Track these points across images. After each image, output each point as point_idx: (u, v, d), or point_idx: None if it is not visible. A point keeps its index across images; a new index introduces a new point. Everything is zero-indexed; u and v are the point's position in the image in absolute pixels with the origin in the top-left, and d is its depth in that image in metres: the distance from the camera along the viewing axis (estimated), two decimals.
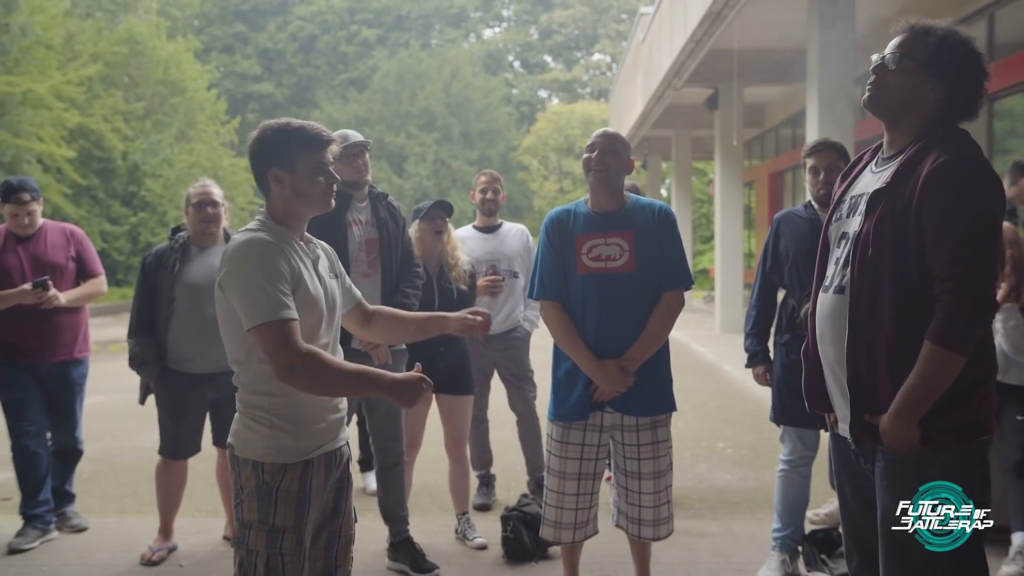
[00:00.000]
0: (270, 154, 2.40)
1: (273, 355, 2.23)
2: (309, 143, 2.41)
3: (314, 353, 2.25)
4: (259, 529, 2.33)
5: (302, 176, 2.40)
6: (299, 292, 2.33)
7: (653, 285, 3.39)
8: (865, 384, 2.33)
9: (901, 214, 2.26)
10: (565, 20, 48.43)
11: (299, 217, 2.47)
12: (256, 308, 2.24)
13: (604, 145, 3.41)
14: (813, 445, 4.00)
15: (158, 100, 28.44)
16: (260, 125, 2.46)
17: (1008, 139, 8.75)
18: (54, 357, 4.63)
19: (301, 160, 2.40)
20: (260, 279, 2.26)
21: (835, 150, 3.90)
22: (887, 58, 2.37)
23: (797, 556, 4.00)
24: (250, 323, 2.26)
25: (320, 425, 2.42)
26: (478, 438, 5.19)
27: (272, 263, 2.29)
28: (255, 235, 2.35)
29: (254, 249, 2.30)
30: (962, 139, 2.30)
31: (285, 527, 2.34)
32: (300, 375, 2.23)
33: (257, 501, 2.34)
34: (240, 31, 44.13)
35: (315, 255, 2.50)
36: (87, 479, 5.82)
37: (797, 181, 15.74)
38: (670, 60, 13.17)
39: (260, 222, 2.44)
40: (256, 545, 2.33)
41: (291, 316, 2.25)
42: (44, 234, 4.69)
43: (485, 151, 39.53)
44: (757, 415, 7.78)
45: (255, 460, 2.35)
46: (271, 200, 2.45)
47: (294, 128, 2.41)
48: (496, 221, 5.25)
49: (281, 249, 2.34)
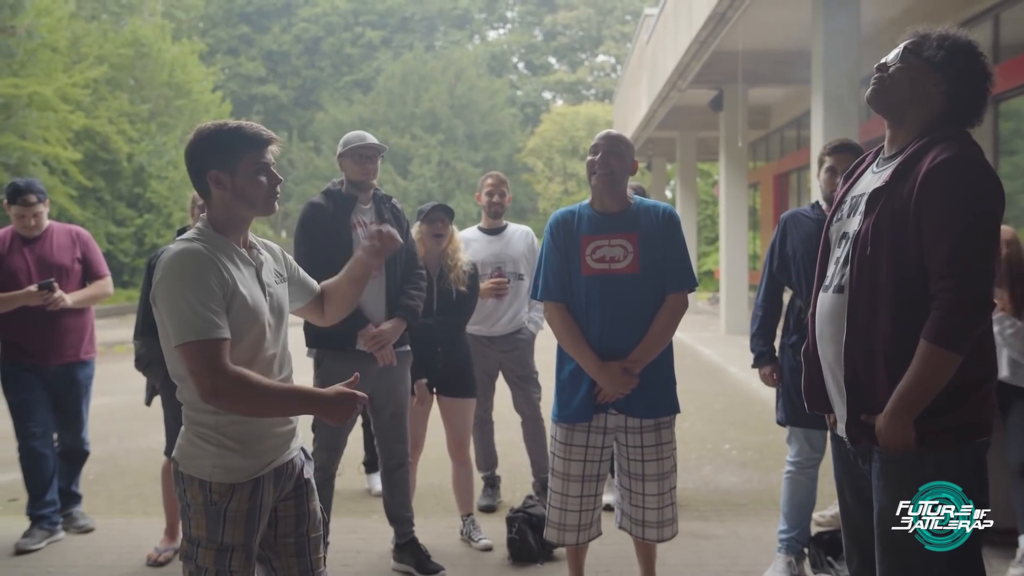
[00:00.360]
0: (208, 156, 2.30)
1: (197, 376, 2.15)
2: (249, 143, 2.30)
3: (241, 375, 2.16)
4: (207, 547, 2.28)
5: (243, 178, 2.30)
6: (236, 306, 2.24)
7: (657, 287, 3.39)
8: (863, 383, 2.32)
9: (900, 213, 2.25)
10: (569, 21, 48.43)
11: (241, 221, 2.36)
12: (182, 325, 2.15)
13: (608, 147, 3.41)
14: (820, 447, 3.99)
15: (163, 102, 28.49)
16: (195, 128, 2.36)
17: (1014, 140, 8.73)
18: (60, 359, 4.64)
19: (241, 161, 2.29)
20: (188, 295, 2.16)
21: (854, 153, 3.88)
22: (892, 56, 2.37)
23: (803, 558, 4.00)
24: (176, 340, 2.17)
25: (269, 442, 2.35)
26: (483, 439, 5.19)
27: (201, 278, 2.18)
28: (188, 246, 2.24)
29: (184, 262, 2.20)
30: (963, 139, 2.30)
31: (234, 545, 2.29)
32: (225, 398, 2.17)
33: (205, 519, 2.28)
34: (245, 33, 44.21)
35: (259, 262, 2.40)
36: (93, 480, 5.83)
37: (802, 182, 15.72)
38: (674, 61, 13.17)
39: (198, 230, 2.33)
40: (205, 562, 2.29)
41: (219, 336, 2.16)
42: (50, 236, 4.71)
43: (490, 153, 39.55)
44: (762, 417, 7.78)
45: (201, 479, 2.28)
46: (211, 205, 2.34)
47: (232, 128, 2.31)
48: (501, 223, 5.26)
49: (214, 262, 2.22)
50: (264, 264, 2.42)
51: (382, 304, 3.99)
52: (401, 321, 3.98)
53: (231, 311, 2.23)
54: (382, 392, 4.03)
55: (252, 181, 2.31)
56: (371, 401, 4.05)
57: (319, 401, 2.29)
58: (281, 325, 2.44)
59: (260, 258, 2.42)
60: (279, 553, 2.45)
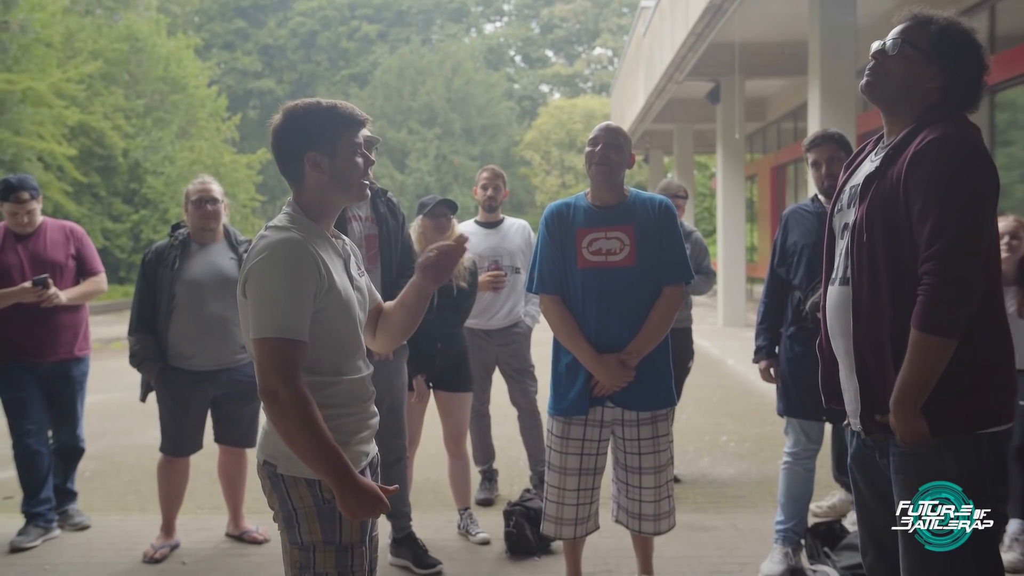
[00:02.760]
0: (306, 136, 2.17)
1: (265, 373, 2.05)
2: (347, 123, 2.20)
3: (305, 397, 2.05)
4: (326, 551, 2.17)
5: (342, 160, 2.20)
6: (332, 299, 2.15)
7: (653, 279, 3.38)
8: (873, 374, 2.29)
9: (890, 196, 2.23)
10: (566, 14, 48.34)
11: (334, 208, 2.28)
12: (267, 318, 2.06)
13: (607, 139, 3.40)
14: (817, 438, 3.99)
15: (159, 97, 28.39)
16: (283, 107, 2.24)
17: (1010, 130, 8.73)
18: (55, 355, 4.62)
19: (340, 142, 2.19)
20: (284, 288, 2.07)
21: (834, 141, 3.88)
22: (887, 44, 2.34)
23: (800, 549, 4.00)
24: (256, 332, 2.07)
25: (364, 433, 2.29)
26: (480, 433, 5.19)
27: (301, 272, 2.09)
28: (287, 235, 2.13)
29: (284, 252, 2.09)
30: (955, 118, 2.26)
31: (353, 543, 2.20)
32: (278, 406, 2.05)
33: (319, 521, 2.17)
34: (240, 27, 44.07)
35: (347, 253, 2.31)
36: (89, 477, 5.82)
37: (799, 175, 15.70)
38: (671, 54, 13.14)
39: (290, 216, 2.21)
40: (326, 568, 2.17)
41: (300, 338, 2.07)
42: (44, 232, 4.68)
43: (487, 146, 39.48)
44: (760, 409, 7.78)
45: (308, 478, 2.16)
46: (303, 189, 2.23)
47: (328, 107, 2.19)
48: (498, 216, 5.24)
49: (314, 255, 2.12)
50: (352, 256, 2.35)
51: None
52: None
53: (328, 305, 2.15)
54: (379, 386, 3.98)
55: (350, 163, 2.22)
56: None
57: (349, 480, 2.07)
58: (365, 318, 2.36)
59: (347, 249, 2.34)
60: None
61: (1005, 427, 2.25)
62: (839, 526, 4.08)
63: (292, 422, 2.04)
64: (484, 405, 5.18)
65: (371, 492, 2.09)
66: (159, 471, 4.45)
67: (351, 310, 2.22)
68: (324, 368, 2.19)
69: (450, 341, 4.46)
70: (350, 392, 2.25)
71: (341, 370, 2.23)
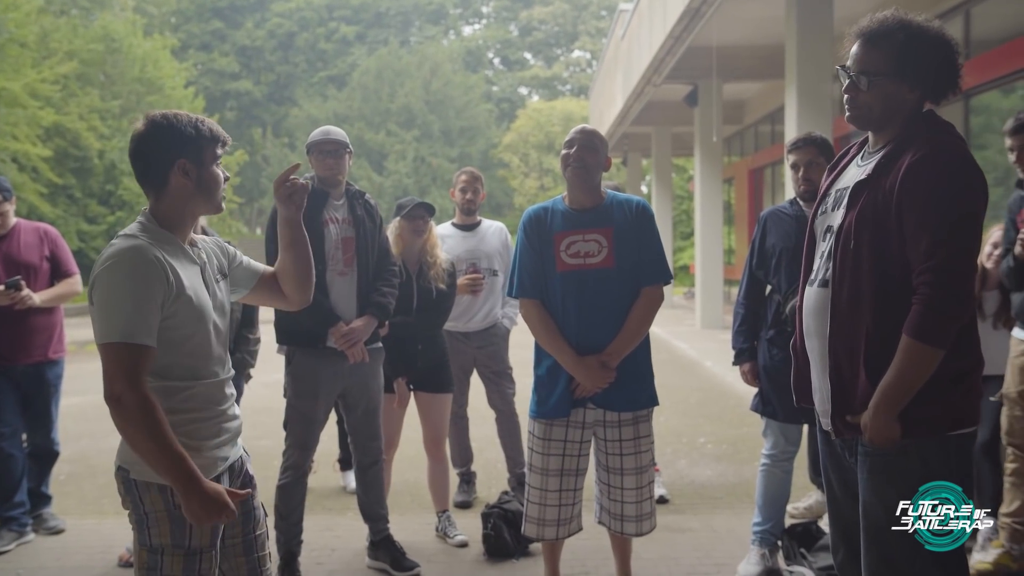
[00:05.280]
0: (177, 144, 2.23)
1: (110, 378, 2.07)
2: (214, 137, 2.29)
3: (149, 402, 2.08)
4: (174, 554, 2.20)
5: (209, 169, 2.27)
6: (182, 305, 2.18)
7: (632, 281, 3.39)
8: (845, 377, 2.33)
9: (882, 206, 2.25)
10: (545, 17, 48.43)
11: (192, 217, 2.33)
12: (111, 324, 2.09)
13: (582, 141, 3.40)
14: (796, 440, 4.02)
15: (135, 98, 28.13)
16: (147, 116, 2.29)
17: (984, 134, 8.82)
18: (28, 358, 4.57)
19: (207, 153, 2.27)
20: (126, 295, 2.10)
21: (815, 145, 3.90)
22: (855, 79, 2.35)
23: (777, 550, 4.02)
24: (101, 338, 2.10)
25: (221, 437, 2.31)
26: (458, 435, 5.18)
27: (145, 280, 2.12)
28: (135, 243, 2.16)
29: (131, 259, 2.13)
30: (946, 132, 2.30)
31: (202, 548, 2.22)
32: (122, 411, 2.07)
33: (169, 524, 2.19)
34: (218, 28, 43.83)
35: (202, 260, 2.34)
36: (64, 480, 5.76)
37: (776, 177, 15.81)
38: (649, 56, 13.20)
39: (142, 225, 2.25)
40: (173, 571, 2.19)
41: (145, 343, 2.10)
42: (17, 234, 4.63)
43: (465, 148, 39.47)
44: (737, 410, 7.81)
45: (159, 483, 2.18)
46: (163, 197, 2.26)
47: (196, 120, 2.27)
48: (475, 219, 5.24)
49: (161, 263, 2.15)
50: (207, 263, 2.37)
51: (353, 301, 3.96)
52: (372, 319, 3.95)
53: (177, 312, 2.18)
54: (355, 389, 4.01)
55: (215, 175, 2.30)
56: (344, 398, 4.03)
57: (193, 485, 2.09)
58: (225, 320, 2.38)
59: (203, 256, 2.36)
60: (227, 554, 2.41)
61: (973, 429, 2.30)
62: (815, 527, 4.10)
63: (136, 427, 2.07)
64: (462, 407, 5.17)
65: (217, 498, 2.12)
66: None
67: (204, 315, 2.25)
68: (176, 373, 2.22)
69: (430, 343, 4.46)
70: (205, 396, 2.27)
71: (195, 375, 2.26)
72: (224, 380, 2.35)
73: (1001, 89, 8.49)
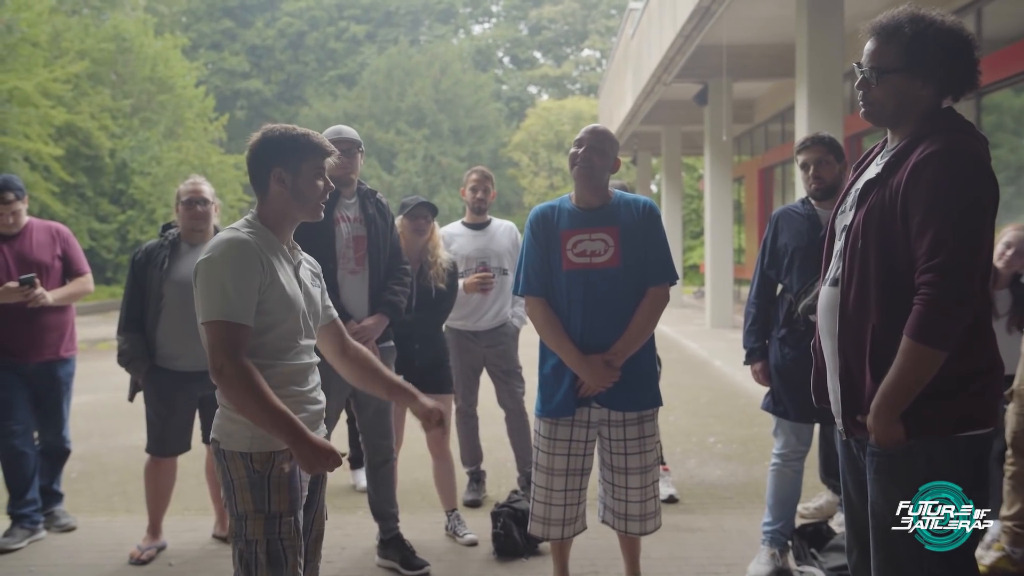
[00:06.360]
0: (275, 154, 2.46)
1: (212, 353, 2.31)
2: (314, 149, 2.49)
3: (248, 369, 2.30)
4: (255, 518, 2.38)
5: (304, 179, 2.48)
6: (274, 293, 2.39)
7: (638, 280, 3.39)
8: (855, 376, 2.31)
9: (888, 204, 2.24)
10: (555, 16, 48.37)
11: (291, 221, 2.53)
12: (213, 304, 2.32)
13: (591, 142, 3.41)
14: (807, 440, 4.00)
15: (146, 97, 28.24)
16: (263, 127, 2.53)
17: (996, 133, 8.78)
18: (40, 356, 4.59)
19: (305, 163, 2.47)
20: (228, 278, 2.32)
21: (824, 144, 3.90)
22: (867, 74, 2.34)
23: (787, 550, 4.01)
24: (204, 317, 2.34)
25: (300, 415, 2.44)
26: (468, 435, 5.18)
27: (245, 266, 2.35)
28: (238, 235, 2.40)
29: (232, 248, 2.36)
30: (958, 129, 2.26)
31: (281, 512, 2.40)
32: (226, 381, 2.30)
33: (250, 491, 2.39)
34: (228, 28, 43.90)
35: (297, 261, 2.57)
36: (76, 478, 5.79)
37: (787, 176, 15.77)
38: (659, 55, 13.17)
39: (248, 222, 2.49)
40: (255, 534, 2.38)
41: (243, 322, 2.33)
42: (29, 233, 4.66)
43: (475, 147, 39.46)
44: (747, 410, 7.80)
45: (242, 452, 2.40)
46: (266, 201, 2.50)
47: (299, 133, 2.49)
48: (485, 218, 5.24)
49: (259, 253, 2.38)
50: (302, 264, 2.59)
51: (365, 299, 3.96)
52: (383, 317, 3.96)
53: (269, 298, 2.39)
54: None
55: (311, 184, 2.50)
56: (355, 397, 4.03)
57: (303, 439, 2.32)
58: (316, 325, 2.60)
59: (299, 257, 2.59)
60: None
61: (986, 431, 2.26)
62: (826, 527, 4.09)
63: (239, 391, 2.30)
64: (472, 406, 5.17)
65: (324, 447, 2.35)
66: (146, 472, 4.43)
67: (295, 305, 2.46)
68: (263, 353, 2.42)
69: (428, 343, 4.46)
70: (285, 376, 2.46)
71: (279, 356, 2.45)
72: (308, 365, 2.54)
73: (1013, 88, 8.44)
